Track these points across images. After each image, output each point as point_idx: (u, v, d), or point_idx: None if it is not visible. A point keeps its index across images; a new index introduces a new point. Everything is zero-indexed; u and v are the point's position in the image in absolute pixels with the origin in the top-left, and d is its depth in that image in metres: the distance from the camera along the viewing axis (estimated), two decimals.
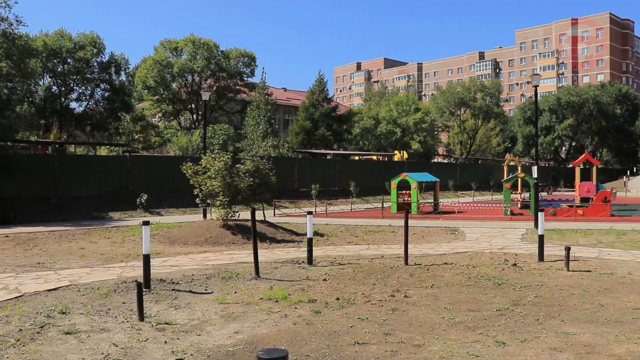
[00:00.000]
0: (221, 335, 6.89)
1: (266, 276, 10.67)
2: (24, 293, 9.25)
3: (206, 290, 9.51)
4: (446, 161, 72.46)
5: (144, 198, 25.73)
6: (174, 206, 26.94)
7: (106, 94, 41.57)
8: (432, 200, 29.34)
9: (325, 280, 10.30)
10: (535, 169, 21.53)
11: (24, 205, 23.16)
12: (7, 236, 17.22)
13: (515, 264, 11.88)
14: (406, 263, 12.01)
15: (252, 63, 51.13)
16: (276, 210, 25.78)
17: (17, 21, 25.54)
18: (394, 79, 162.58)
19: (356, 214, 26.53)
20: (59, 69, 38.82)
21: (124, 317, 7.71)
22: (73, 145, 40.42)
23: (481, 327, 7.15)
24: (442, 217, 24.05)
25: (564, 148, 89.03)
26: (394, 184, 27.03)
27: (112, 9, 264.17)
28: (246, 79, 51.89)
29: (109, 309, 8.14)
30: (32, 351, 6.22)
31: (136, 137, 48.54)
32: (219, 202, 16.59)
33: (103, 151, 41.86)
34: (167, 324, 7.36)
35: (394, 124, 60.97)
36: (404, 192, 28.01)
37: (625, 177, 67.81)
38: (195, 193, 17.46)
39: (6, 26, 25.22)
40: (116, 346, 6.43)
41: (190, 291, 9.39)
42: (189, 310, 8.10)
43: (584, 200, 26.90)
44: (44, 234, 18.20)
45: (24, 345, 6.43)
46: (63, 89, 40.25)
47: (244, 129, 46.36)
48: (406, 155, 55.14)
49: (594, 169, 29.38)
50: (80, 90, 41.26)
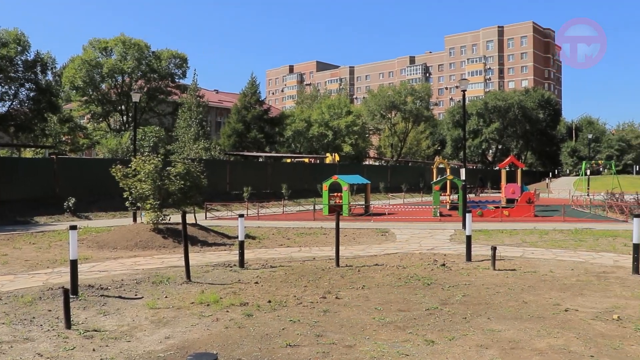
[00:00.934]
0: (152, 341, 6.73)
1: (197, 280, 10.51)
2: None
3: (136, 295, 9.28)
4: (377, 164, 73.48)
5: (72, 202, 24.88)
6: (104, 210, 26.18)
7: (31, 94, 39.79)
8: (363, 202, 29.67)
9: (257, 283, 10.24)
10: (463, 171, 22.08)
11: None
12: None
13: (444, 264, 12.14)
14: (337, 265, 12.09)
15: (184, 64, 50.35)
16: (208, 214, 25.47)
17: None
18: (326, 82, 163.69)
19: (288, 216, 26.52)
20: None
21: (49, 325, 7.41)
22: None
23: (411, 327, 7.26)
24: (373, 219, 24.35)
25: (491, 151, 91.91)
26: (325, 186, 27.18)
27: (38, 6, 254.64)
28: (178, 80, 51.04)
29: (33, 318, 7.80)
30: None
31: (63, 138, 46.74)
32: (149, 205, 16.24)
33: (28, 153, 40.23)
34: (96, 331, 7.12)
35: (326, 126, 61.41)
36: (335, 194, 28.20)
37: (547, 179, 70.64)
38: (125, 196, 17.02)
39: None
40: (41, 356, 6.16)
41: (120, 297, 9.13)
42: (118, 317, 7.87)
43: (510, 201, 27.83)
44: None
45: None
46: None
47: (176, 131, 45.60)
48: (338, 158, 55.61)
49: (519, 171, 30.44)
50: (3, 90, 39.41)
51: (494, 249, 11.82)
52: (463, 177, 22.15)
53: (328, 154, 57.46)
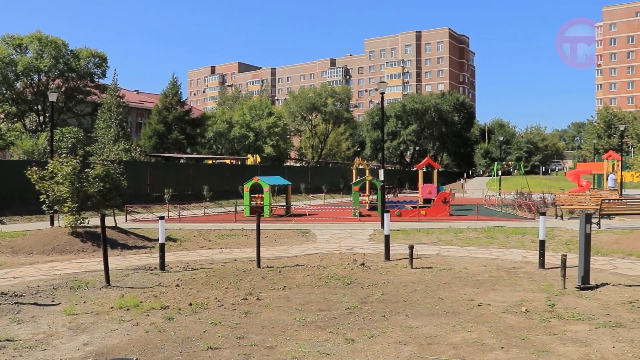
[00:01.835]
0: (69, 348, 6.52)
1: (117, 284, 10.26)
2: None
3: (53, 301, 8.95)
4: (298, 165, 73.77)
5: None
6: (19, 214, 25.00)
7: None
8: (284, 203, 29.75)
9: (177, 286, 10.10)
10: (382, 172, 22.50)
11: None
12: None
13: (363, 264, 12.36)
14: (259, 266, 12.09)
15: (104, 64, 48.68)
16: (128, 216, 24.81)
17: None
18: (247, 83, 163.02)
19: (209, 218, 26.24)
20: None
21: None
22: None
23: (331, 326, 7.38)
24: (294, 220, 24.45)
25: (408, 152, 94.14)
26: (246, 187, 27.07)
27: None
28: (97, 80, 49.24)
29: None
30: None
31: None
32: (67, 208, 15.68)
33: None
34: (9, 340, 6.82)
35: (248, 128, 61.13)
36: (256, 195, 28.13)
37: (462, 179, 73.02)
38: (42, 199, 16.35)
39: None
40: None
41: (36, 303, 8.78)
42: (33, 324, 7.57)
43: (427, 201, 28.64)
44: None
45: None
46: None
47: (95, 132, 44.04)
48: (259, 159, 55.52)
49: (435, 172, 31.35)
50: None
51: (411, 247, 12.15)
52: (382, 177, 22.57)
53: (249, 155, 57.21)
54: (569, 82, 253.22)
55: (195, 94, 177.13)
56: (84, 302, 8.81)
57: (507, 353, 6.23)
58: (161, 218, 12.21)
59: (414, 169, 73.02)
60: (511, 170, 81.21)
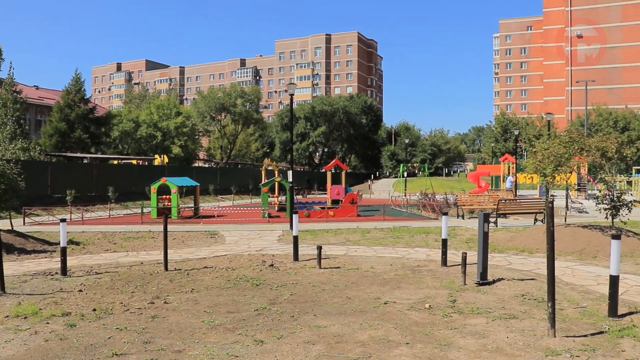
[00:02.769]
0: None
1: (14, 291, 9.75)
2: None
3: None
4: (207, 165, 72.86)
5: None
6: None
7: None
8: (192, 205, 29.29)
9: (80, 291, 9.74)
10: (290, 173, 22.61)
11: None
12: None
13: (272, 265, 12.39)
14: (166, 269, 11.87)
15: None
16: (26, 219, 23.59)
17: None
18: (155, 81, 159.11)
19: (115, 220, 25.43)
20: None
21: None
22: None
23: (240, 328, 7.36)
24: (203, 221, 24.14)
25: (317, 154, 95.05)
26: (153, 188, 26.46)
27: None
28: None
29: None
30: None
31: None
32: None
33: None
34: None
35: (155, 127, 59.72)
36: (164, 196, 27.57)
37: (370, 180, 74.46)
38: None
39: None
40: None
41: None
42: None
43: (335, 202, 29.01)
44: None
45: None
46: None
47: None
48: (167, 160, 54.34)
49: (343, 173, 31.80)
50: None
51: (319, 248, 12.30)
52: (290, 179, 22.69)
53: (157, 156, 55.86)
54: (470, 89, 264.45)
55: (100, 92, 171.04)
56: None
57: (412, 348, 6.46)
58: (62, 220, 11.75)
59: (323, 170, 73.76)
60: (416, 171, 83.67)
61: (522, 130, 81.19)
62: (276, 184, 30.82)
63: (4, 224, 17.65)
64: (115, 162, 48.93)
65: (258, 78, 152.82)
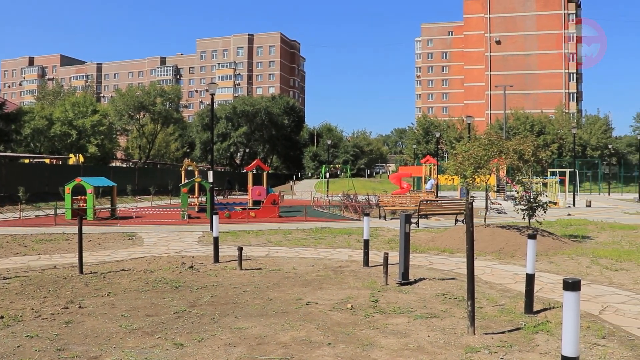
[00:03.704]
0: None
1: None
2: None
3: None
4: (125, 165, 70.90)
5: None
6: None
7: None
8: (109, 206, 28.41)
9: None
10: (211, 173, 22.34)
11: None
12: None
13: (192, 267, 12.15)
14: (81, 272, 11.40)
15: None
16: None
17: None
18: (71, 77, 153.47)
19: (26, 221, 24.27)
20: None
21: None
22: None
23: (160, 331, 7.15)
24: (120, 223, 23.44)
25: (239, 154, 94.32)
26: (68, 189, 25.47)
27: None
28: None
29: None
30: None
31: None
32: None
33: None
34: None
35: (70, 125, 57.59)
36: (79, 197, 26.60)
37: (292, 181, 74.67)
38: None
39: None
40: None
41: None
42: None
43: (256, 203, 28.85)
44: None
45: None
46: None
47: None
48: (82, 159, 52.53)
49: (265, 174, 31.67)
50: None
51: (240, 249, 12.16)
52: (211, 179, 22.41)
53: (72, 155, 53.86)
54: (393, 91, 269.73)
55: (10, 86, 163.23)
56: None
57: (334, 349, 6.45)
58: None
59: (244, 170, 73.29)
60: (338, 172, 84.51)
61: (443, 132, 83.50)
62: (196, 184, 30.33)
63: None
64: (27, 161, 46.86)
65: (179, 77, 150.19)
